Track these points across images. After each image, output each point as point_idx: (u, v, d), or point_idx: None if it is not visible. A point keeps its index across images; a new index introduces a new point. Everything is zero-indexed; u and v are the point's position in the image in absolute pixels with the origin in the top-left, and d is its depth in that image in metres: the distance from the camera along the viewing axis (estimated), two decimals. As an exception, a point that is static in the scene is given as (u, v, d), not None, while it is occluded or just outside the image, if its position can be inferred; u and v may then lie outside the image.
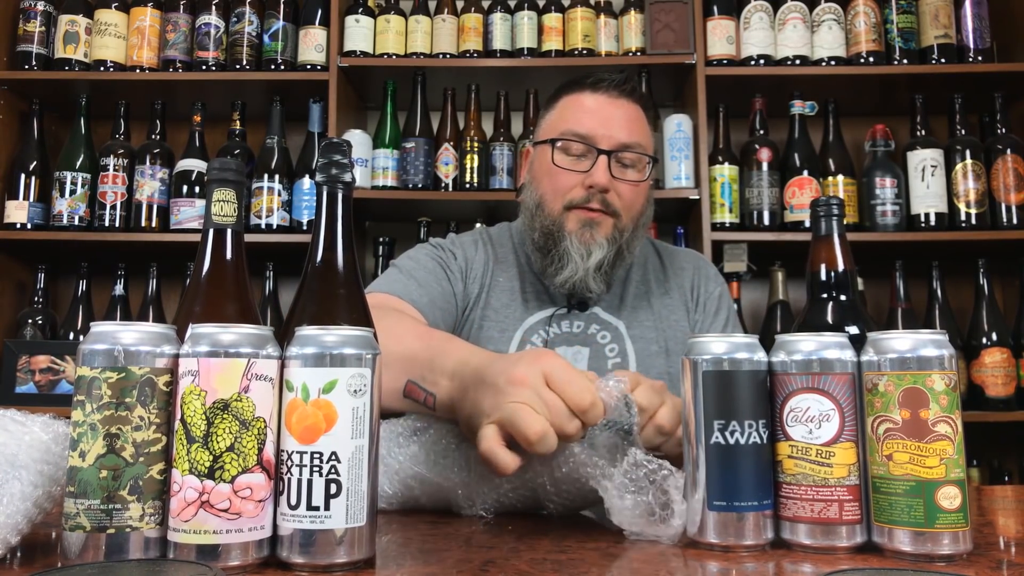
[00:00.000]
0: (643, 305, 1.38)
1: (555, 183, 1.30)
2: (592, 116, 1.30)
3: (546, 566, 0.66)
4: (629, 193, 1.29)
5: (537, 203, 1.33)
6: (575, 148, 1.29)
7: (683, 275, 1.44)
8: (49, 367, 2.27)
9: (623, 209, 1.29)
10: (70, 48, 2.41)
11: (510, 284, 1.38)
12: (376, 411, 0.66)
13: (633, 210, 1.31)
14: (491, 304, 1.36)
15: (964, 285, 2.42)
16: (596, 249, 1.26)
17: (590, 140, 1.28)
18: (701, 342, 0.74)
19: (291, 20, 2.44)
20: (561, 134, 1.30)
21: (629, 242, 1.31)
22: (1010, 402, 2.21)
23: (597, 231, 1.27)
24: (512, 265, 1.41)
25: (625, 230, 1.30)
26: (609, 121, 1.29)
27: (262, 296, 2.44)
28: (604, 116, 1.30)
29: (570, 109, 1.33)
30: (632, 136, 1.29)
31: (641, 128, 1.33)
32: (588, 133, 1.28)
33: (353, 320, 0.81)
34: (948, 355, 0.69)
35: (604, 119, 1.29)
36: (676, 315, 1.39)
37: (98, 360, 0.64)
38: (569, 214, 1.29)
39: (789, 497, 0.71)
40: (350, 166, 0.84)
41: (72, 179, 2.36)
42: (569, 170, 1.29)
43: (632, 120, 1.32)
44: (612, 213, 1.28)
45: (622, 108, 1.31)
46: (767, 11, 2.37)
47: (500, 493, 0.87)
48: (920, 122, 2.37)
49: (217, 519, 0.62)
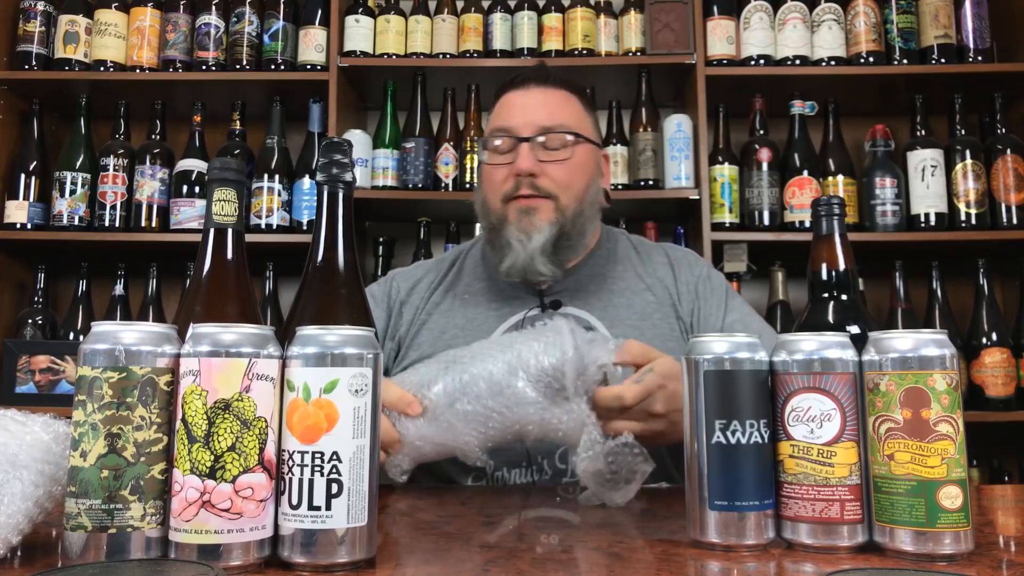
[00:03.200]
0: (621, 303, 1.35)
1: (490, 180, 1.34)
2: (513, 110, 1.34)
3: (547, 566, 0.66)
4: (561, 172, 1.30)
5: (482, 203, 1.37)
6: (501, 144, 1.33)
7: (660, 269, 1.41)
8: (49, 367, 2.27)
9: (559, 190, 1.30)
10: (70, 48, 2.41)
11: (475, 297, 1.38)
12: (377, 411, 0.66)
13: (573, 189, 1.31)
14: (455, 322, 1.35)
15: (964, 285, 2.42)
16: (536, 233, 1.28)
17: (511, 132, 1.31)
18: (702, 342, 0.74)
19: (291, 20, 2.44)
20: (488, 135, 1.36)
21: (575, 221, 1.31)
22: (1010, 402, 2.21)
23: (536, 216, 1.29)
24: (478, 276, 1.42)
25: (567, 209, 1.30)
26: (527, 110, 1.32)
27: (262, 296, 2.43)
28: (523, 107, 1.33)
29: (496, 111, 1.38)
30: (553, 119, 1.31)
31: (565, 110, 1.34)
32: (508, 126, 1.32)
33: (354, 320, 0.81)
34: (949, 355, 0.69)
35: (523, 109, 1.33)
36: (658, 313, 1.34)
37: (99, 360, 0.64)
38: (509, 206, 1.31)
39: (790, 497, 0.71)
40: (351, 166, 0.84)
41: (72, 179, 2.36)
42: (497, 164, 1.32)
43: (553, 104, 1.34)
44: (548, 196, 1.29)
45: (542, 95, 1.34)
46: (767, 11, 2.37)
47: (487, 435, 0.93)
48: (920, 122, 2.37)
49: (218, 519, 0.62)
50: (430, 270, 1.46)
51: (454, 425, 0.92)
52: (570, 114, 1.34)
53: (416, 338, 1.36)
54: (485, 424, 0.91)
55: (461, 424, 0.91)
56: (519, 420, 0.91)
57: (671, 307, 1.35)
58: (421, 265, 1.49)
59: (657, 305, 1.35)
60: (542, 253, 1.27)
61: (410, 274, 1.46)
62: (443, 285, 1.41)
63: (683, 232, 2.43)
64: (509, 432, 0.92)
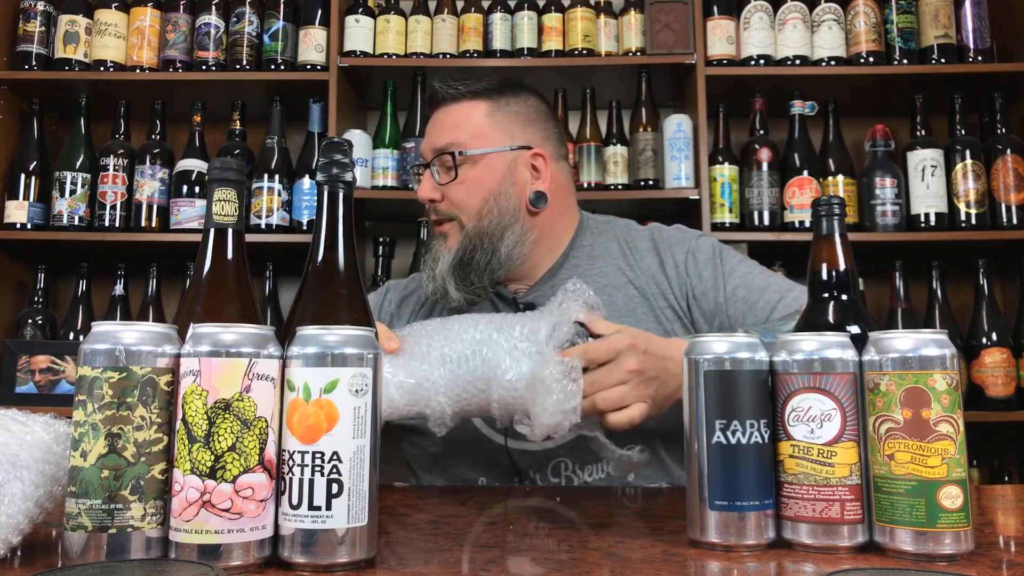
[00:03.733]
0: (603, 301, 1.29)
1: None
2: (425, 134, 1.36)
3: (547, 566, 0.66)
4: (458, 193, 1.29)
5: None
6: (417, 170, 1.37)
7: (646, 258, 1.34)
8: (49, 367, 2.27)
9: (459, 211, 1.29)
10: (70, 48, 2.41)
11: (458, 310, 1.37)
12: (378, 410, 0.66)
13: (471, 206, 1.29)
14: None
15: (964, 285, 2.42)
16: (441, 258, 1.29)
17: (422, 157, 1.35)
18: (702, 341, 0.74)
19: (291, 20, 2.44)
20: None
21: (484, 238, 1.28)
22: (1010, 402, 2.21)
23: (444, 242, 1.31)
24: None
25: (469, 226, 1.28)
26: (430, 133, 1.34)
27: (262, 296, 2.43)
28: (428, 130, 1.36)
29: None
30: (444, 137, 1.30)
31: (462, 126, 1.31)
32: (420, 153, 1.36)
33: (354, 320, 0.81)
34: (950, 355, 0.69)
35: (428, 133, 1.35)
36: (643, 307, 1.29)
37: (99, 360, 0.64)
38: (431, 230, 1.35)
39: (791, 497, 0.71)
40: (351, 166, 0.84)
41: (72, 179, 2.36)
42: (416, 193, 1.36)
43: (450, 122, 1.32)
44: (451, 218, 1.30)
45: (444, 114, 1.34)
46: (767, 11, 2.37)
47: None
48: (920, 122, 2.37)
49: (218, 519, 0.62)
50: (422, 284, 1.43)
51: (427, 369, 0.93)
52: (466, 129, 1.30)
53: None
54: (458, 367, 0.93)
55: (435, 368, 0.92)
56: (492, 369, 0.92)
57: (659, 296, 1.29)
58: (414, 279, 1.49)
59: (641, 299, 1.29)
60: (452, 275, 1.27)
61: (404, 288, 1.47)
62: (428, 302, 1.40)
63: (683, 232, 2.43)
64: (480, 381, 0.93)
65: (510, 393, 0.92)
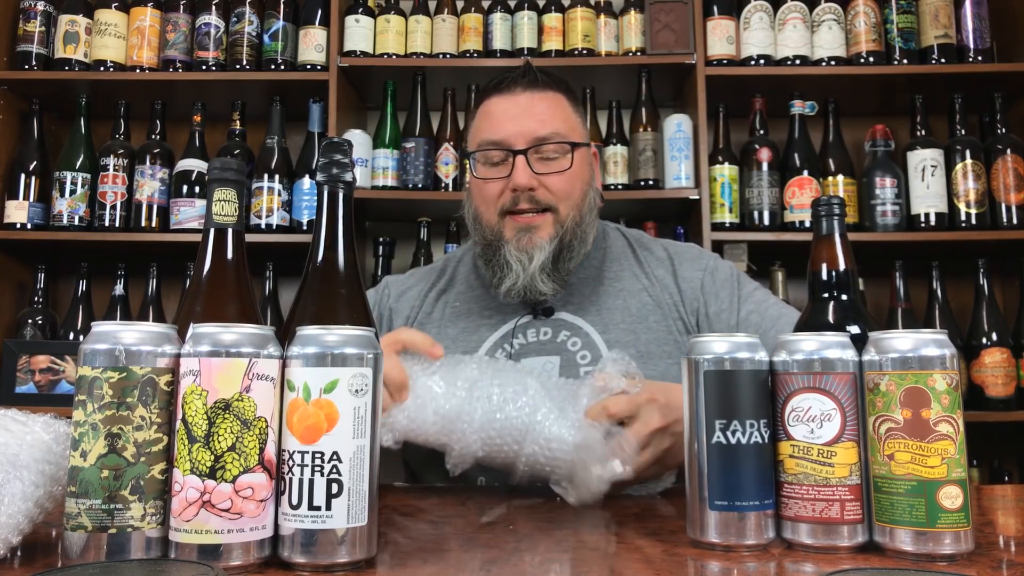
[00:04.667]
0: (617, 305, 1.30)
1: (484, 194, 1.29)
2: (502, 120, 1.27)
3: (547, 566, 0.66)
4: (559, 183, 1.26)
5: (474, 216, 1.32)
6: (494, 155, 1.27)
7: (660, 268, 1.35)
8: (49, 367, 2.27)
9: (559, 201, 1.26)
10: (70, 48, 2.41)
11: (467, 306, 1.35)
12: (377, 411, 0.66)
13: (572, 199, 1.27)
14: (446, 332, 1.32)
15: (964, 285, 2.42)
16: (536, 252, 1.24)
17: (504, 144, 1.26)
18: (702, 342, 0.74)
19: (291, 20, 2.44)
20: (478, 145, 1.29)
21: (576, 231, 1.27)
22: (1010, 402, 2.21)
23: (535, 234, 1.25)
24: (470, 285, 1.38)
25: (566, 220, 1.26)
26: (519, 119, 1.26)
27: (262, 296, 2.43)
28: (513, 116, 1.27)
29: (482, 118, 1.32)
30: (546, 127, 1.26)
31: (557, 115, 1.29)
32: (500, 138, 1.26)
33: (354, 320, 0.81)
34: (950, 355, 0.69)
35: (514, 118, 1.27)
36: (655, 315, 1.29)
37: (99, 360, 0.64)
38: (505, 221, 1.26)
39: (791, 497, 0.71)
40: (351, 166, 0.84)
41: (72, 179, 2.36)
42: (492, 178, 1.27)
43: (544, 110, 1.28)
44: (547, 209, 1.26)
45: (531, 101, 1.28)
46: (767, 11, 2.37)
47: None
48: (920, 122, 2.37)
49: (218, 519, 0.62)
50: (421, 279, 1.43)
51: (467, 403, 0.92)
52: (562, 119, 1.29)
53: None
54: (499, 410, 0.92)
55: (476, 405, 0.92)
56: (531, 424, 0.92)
57: (671, 307, 1.30)
58: (413, 274, 1.47)
59: (654, 306, 1.30)
60: (542, 271, 1.24)
61: (402, 283, 1.44)
62: (433, 293, 1.39)
63: (683, 232, 2.43)
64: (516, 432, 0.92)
65: (543, 452, 0.93)
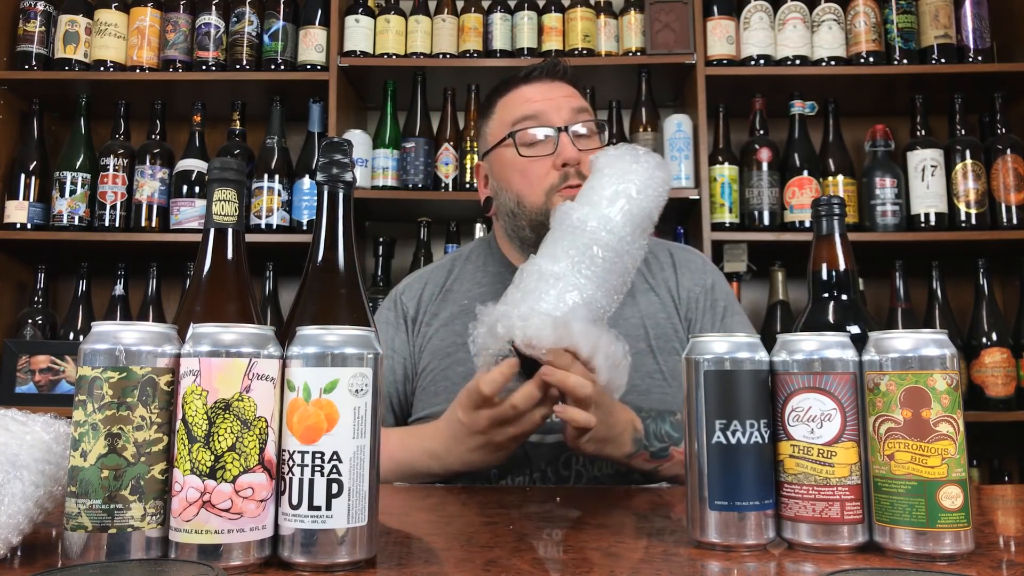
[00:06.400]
0: (627, 301, 1.30)
1: (527, 176, 1.27)
2: (536, 101, 1.30)
3: (547, 566, 0.66)
4: None
5: (516, 202, 1.30)
6: (533, 136, 1.27)
7: (665, 270, 1.37)
8: (49, 367, 2.27)
9: None
10: (70, 48, 2.41)
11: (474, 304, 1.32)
12: (378, 411, 0.66)
13: None
14: (454, 329, 1.31)
15: (964, 285, 2.42)
16: None
17: (544, 120, 1.27)
18: (702, 341, 0.74)
19: (291, 20, 2.44)
20: (513, 124, 1.29)
21: None
22: (1010, 402, 2.21)
23: None
24: (479, 283, 1.37)
25: None
26: (553, 99, 1.29)
27: (262, 296, 2.43)
28: (546, 97, 1.30)
29: (511, 105, 1.32)
30: (580, 103, 1.31)
31: (580, 100, 1.33)
32: (539, 112, 1.28)
33: (354, 320, 0.81)
34: (950, 355, 0.69)
35: (548, 99, 1.29)
36: (662, 313, 1.32)
37: (99, 360, 0.64)
38: (554, 199, 1.25)
39: (791, 497, 0.71)
40: (351, 166, 0.84)
41: (72, 179, 2.36)
42: (536, 157, 1.27)
43: (572, 95, 1.32)
44: None
45: (559, 88, 1.32)
46: (767, 11, 2.37)
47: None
48: (920, 122, 2.37)
49: (218, 519, 0.62)
50: (428, 280, 1.41)
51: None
52: (586, 104, 1.34)
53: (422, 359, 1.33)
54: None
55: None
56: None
57: (673, 309, 1.33)
58: (419, 278, 1.44)
59: (661, 305, 1.33)
60: None
61: (414, 291, 1.41)
62: (441, 294, 1.38)
63: (683, 232, 2.43)
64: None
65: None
